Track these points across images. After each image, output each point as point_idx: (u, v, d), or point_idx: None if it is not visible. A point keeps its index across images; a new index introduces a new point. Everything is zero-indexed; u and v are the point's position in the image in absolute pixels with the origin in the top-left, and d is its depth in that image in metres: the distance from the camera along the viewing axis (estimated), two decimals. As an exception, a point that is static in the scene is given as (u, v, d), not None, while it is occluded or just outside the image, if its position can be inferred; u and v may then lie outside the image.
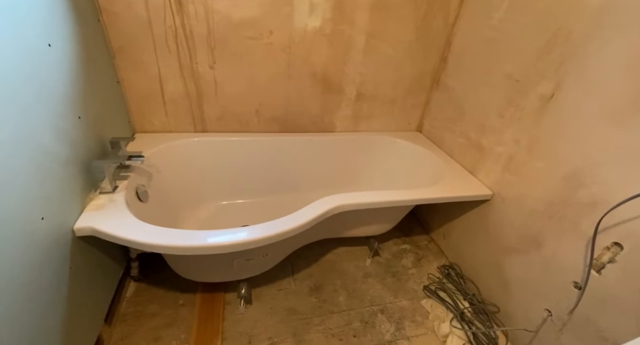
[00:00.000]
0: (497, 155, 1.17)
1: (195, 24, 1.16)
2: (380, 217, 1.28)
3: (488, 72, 1.21)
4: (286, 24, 1.24)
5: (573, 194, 0.90)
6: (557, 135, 0.95)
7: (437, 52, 1.46)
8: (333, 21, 1.28)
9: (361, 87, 1.47)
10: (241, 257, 0.97)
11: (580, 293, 0.86)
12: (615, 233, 0.80)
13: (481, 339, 1.05)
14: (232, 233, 0.83)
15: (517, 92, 1.09)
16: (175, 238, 0.80)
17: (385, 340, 1.05)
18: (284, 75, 1.35)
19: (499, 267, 1.15)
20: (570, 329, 0.90)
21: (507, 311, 1.12)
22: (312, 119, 1.50)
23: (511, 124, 1.12)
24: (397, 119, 1.63)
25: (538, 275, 1.00)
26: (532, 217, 1.02)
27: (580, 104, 0.89)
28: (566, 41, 0.93)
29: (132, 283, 1.14)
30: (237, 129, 1.42)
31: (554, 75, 0.96)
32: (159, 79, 1.23)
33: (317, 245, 1.35)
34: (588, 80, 0.87)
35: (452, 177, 1.26)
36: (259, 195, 1.51)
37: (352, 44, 1.35)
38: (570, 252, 0.90)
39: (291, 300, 1.14)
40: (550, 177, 0.97)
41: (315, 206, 0.99)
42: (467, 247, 1.33)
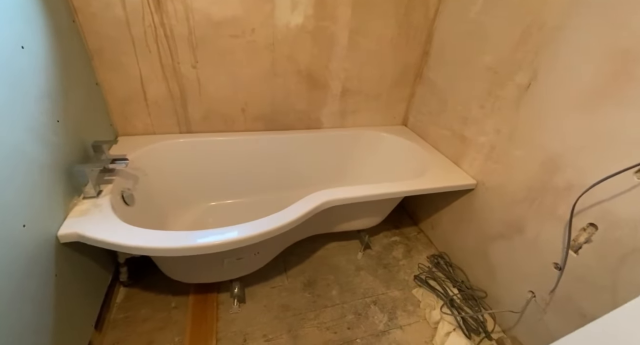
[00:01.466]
0: (480, 145, 1.21)
1: (175, 23, 1.14)
2: (369, 211, 1.30)
3: (468, 65, 1.24)
4: (268, 21, 1.23)
5: (550, 179, 0.94)
6: (535, 124, 0.99)
7: (419, 47, 1.49)
8: (315, 18, 1.28)
9: (346, 83, 1.48)
10: (232, 256, 0.97)
11: (560, 273, 0.90)
12: (590, 214, 0.84)
13: (470, 323, 1.08)
14: (222, 232, 0.82)
15: (496, 83, 1.12)
16: (164, 240, 0.80)
17: (379, 331, 1.07)
18: (268, 73, 1.35)
19: (485, 253, 1.18)
20: (553, 308, 0.94)
21: (494, 295, 1.16)
22: (298, 116, 1.50)
23: (492, 115, 1.15)
24: (383, 114, 1.65)
25: (521, 259, 1.04)
26: (514, 204, 1.06)
27: (554, 92, 0.93)
28: (539, 32, 0.96)
29: (122, 288, 1.12)
30: (223, 129, 1.41)
31: (529, 66, 1.00)
32: (141, 80, 1.20)
33: (309, 242, 1.36)
34: (561, 69, 0.90)
35: (438, 168, 1.29)
36: (248, 195, 1.50)
37: (335, 40, 1.36)
38: (550, 235, 0.94)
39: (285, 297, 1.15)
40: (529, 164, 1.01)
41: (305, 202, 1.00)
42: (454, 236, 1.36)
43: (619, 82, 0.77)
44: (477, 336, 1.07)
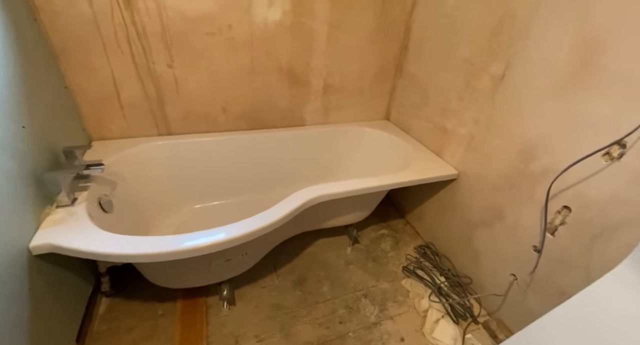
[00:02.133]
0: (460, 136, 1.24)
1: (147, 20, 1.10)
2: (356, 205, 1.31)
3: (446, 57, 1.27)
4: (245, 17, 1.21)
5: (527, 166, 0.98)
6: (510, 113, 1.02)
7: (398, 41, 1.50)
8: (293, 13, 1.27)
9: (328, 79, 1.48)
10: (219, 258, 0.95)
11: (538, 255, 0.94)
12: (564, 197, 0.88)
13: (458, 309, 1.12)
14: (207, 235, 0.81)
15: (473, 75, 1.15)
16: (147, 245, 0.77)
17: (370, 323, 1.09)
18: (248, 71, 1.32)
19: (469, 240, 1.22)
20: (533, 288, 0.98)
21: (479, 280, 1.20)
22: (281, 114, 1.49)
23: (470, 106, 1.18)
24: (366, 109, 1.66)
25: (503, 244, 1.08)
26: (494, 191, 1.10)
27: (528, 82, 0.96)
28: (512, 24, 0.99)
29: (105, 299, 1.08)
30: (205, 129, 1.38)
31: (504, 57, 1.03)
32: (113, 81, 1.15)
33: (298, 240, 1.35)
34: (532, 59, 0.94)
35: (421, 160, 1.32)
36: (234, 196, 1.48)
37: (314, 36, 1.35)
38: (529, 220, 0.98)
39: (276, 296, 1.14)
40: (506, 153, 1.04)
41: (291, 200, 0.99)
42: (439, 225, 1.40)
43: (586, 70, 0.81)
44: (465, 321, 1.11)
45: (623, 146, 0.75)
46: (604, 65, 0.77)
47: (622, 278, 0.62)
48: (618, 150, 0.76)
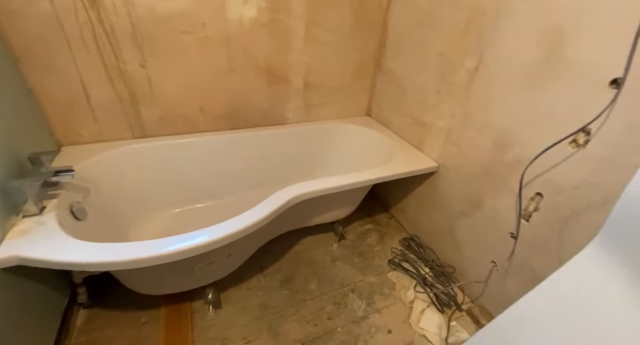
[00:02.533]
0: (438, 129, 1.27)
1: (115, 19, 1.05)
2: (340, 202, 1.31)
3: (422, 53, 1.29)
4: (219, 15, 1.18)
5: (502, 155, 1.01)
6: (485, 105, 1.06)
7: (376, 36, 1.51)
8: (269, 10, 1.25)
9: (307, 76, 1.47)
10: (202, 261, 0.93)
11: (515, 242, 0.98)
12: (536, 184, 0.92)
13: (442, 298, 1.14)
14: (186, 239, 0.78)
15: (448, 69, 1.18)
16: (122, 252, 0.74)
17: (358, 317, 1.10)
18: (225, 70, 1.30)
19: (450, 231, 1.25)
20: (512, 273, 1.02)
21: (462, 269, 1.23)
22: (262, 112, 1.47)
23: (447, 99, 1.21)
24: (347, 105, 1.67)
25: (482, 232, 1.11)
26: (473, 181, 1.13)
27: (499, 74, 0.99)
28: (482, 19, 1.02)
29: (83, 311, 1.03)
30: (183, 131, 1.34)
31: (476, 51, 1.05)
32: (81, 83, 1.10)
33: (284, 239, 1.35)
34: (502, 52, 0.97)
35: (402, 154, 1.34)
36: (216, 198, 1.45)
37: (292, 33, 1.34)
38: (505, 208, 1.01)
39: (262, 297, 1.13)
40: (482, 144, 1.07)
41: (273, 199, 0.98)
42: (423, 218, 1.43)
43: (550, 61, 0.84)
44: (449, 309, 1.14)
45: (587, 133, 0.79)
46: (566, 57, 0.81)
47: (590, 258, 0.66)
48: (584, 138, 0.80)
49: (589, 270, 0.66)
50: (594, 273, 0.65)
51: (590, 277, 0.66)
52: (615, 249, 0.61)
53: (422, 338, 1.04)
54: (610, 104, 0.73)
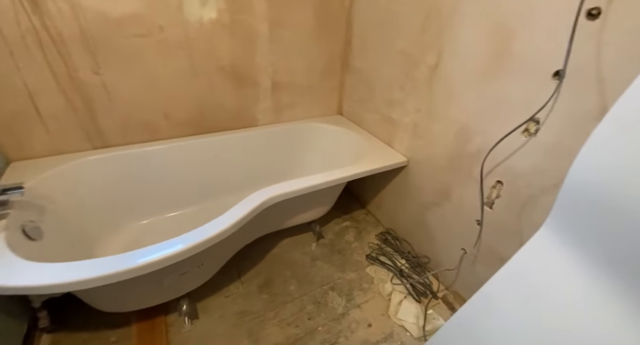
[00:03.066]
0: (405, 125, 1.30)
1: (61, 24, 0.99)
2: (315, 202, 1.32)
3: (386, 50, 1.31)
4: (177, 17, 1.14)
5: (464, 147, 1.06)
6: (446, 100, 1.09)
7: (341, 36, 1.53)
8: (230, 11, 1.23)
9: (275, 77, 1.46)
10: (172, 273, 0.90)
11: (480, 228, 1.02)
12: (497, 173, 0.97)
13: (418, 288, 1.18)
14: (149, 252, 0.75)
15: (411, 66, 1.21)
16: (79, 271, 0.70)
17: (339, 314, 1.11)
18: (188, 73, 1.26)
19: (423, 222, 1.29)
20: (480, 259, 1.07)
21: (436, 258, 1.27)
22: (230, 115, 1.44)
23: (411, 95, 1.24)
24: (318, 105, 1.67)
25: (452, 221, 1.16)
26: (440, 173, 1.17)
27: (457, 69, 1.03)
28: (438, 16, 1.05)
29: (46, 336, 0.97)
30: (147, 138, 1.29)
31: (435, 47, 1.09)
32: (28, 93, 1.03)
33: (261, 242, 1.33)
34: (459, 48, 1.01)
35: (373, 151, 1.36)
36: (187, 206, 1.41)
37: (255, 34, 1.32)
38: (471, 196, 1.06)
39: (241, 303, 1.11)
40: (446, 136, 1.12)
41: (244, 203, 0.97)
42: (397, 211, 1.46)
43: (500, 56, 0.89)
44: (426, 298, 1.18)
45: (537, 122, 0.84)
46: (514, 51, 0.85)
47: (542, 239, 0.70)
48: (534, 127, 0.85)
49: (542, 250, 0.70)
50: (546, 253, 0.69)
51: (543, 256, 0.70)
52: (562, 229, 0.66)
53: (400, 328, 1.07)
54: (553, 95, 0.78)
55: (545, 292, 0.68)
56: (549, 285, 0.67)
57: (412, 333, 1.04)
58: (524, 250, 0.75)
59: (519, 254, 0.76)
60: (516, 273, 0.75)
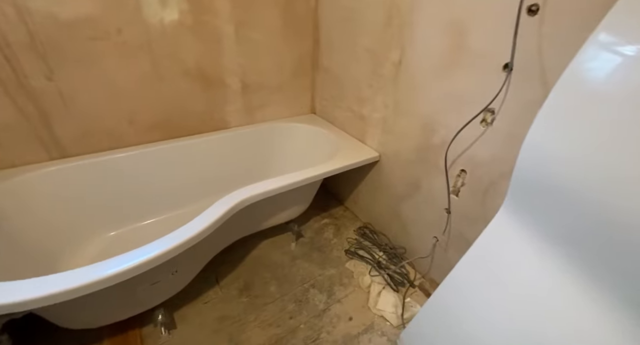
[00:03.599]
0: (376, 120, 1.33)
1: (7, 28, 0.93)
2: (291, 201, 1.32)
3: (352, 49, 1.34)
4: (136, 19, 1.11)
5: (430, 139, 1.10)
6: (410, 94, 1.14)
7: (309, 35, 1.54)
8: (192, 12, 1.20)
9: (244, 78, 1.45)
10: (143, 283, 0.87)
11: (449, 216, 1.07)
12: (460, 162, 1.02)
13: (396, 278, 1.22)
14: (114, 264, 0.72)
15: (377, 63, 1.24)
16: (41, 287, 0.66)
17: (320, 310, 1.12)
18: (152, 77, 1.22)
19: (397, 214, 1.33)
20: (451, 245, 1.12)
21: (412, 248, 1.32)
22: (200, 118, 1.41)
23: (379, 92, 1.27)
24: (290, 104, 1.68)
25: (423, 211, 1.20)
26: (410, 166, 1.21)
27: (419, 65, 1.07)
28: (398, 13, 1.09)
29: (8, 361, 0.90)
30: (111, 146, 1.23)
31: (398, 44, 1.13)
32: (-28, 103, 0.96)
33: (239, 246, 1.31)
34: (419, 44, 1.05)
35: (347, 148, 1.38)
36: (160, 213, 1.36)
37: (221, 35, 1.30)
38: (438, 186, 1.10)
39: (220, 309, 1.09)
40: (413, 130, 1.16)
41: (217, 207, 0.95)
42: (373, 205, 1.49)
43: (456, 51, 0.93)
44: (404, 287, 1.21)
45: (493, 112, 0.89)
46: (468, 46, 0.90)
47: (501, 221, 0.75)
48: (490, 117, 0.90)
49: (501, 232, 0.75)
50: (505, 234, 0.74)
51: (502, 238, 0.75)
52: (516, 211, 0.70)
53: (380, 319, 1.10)
54: (503, 86, 0.83)
55: (506, 270, 0.73)
56: (509, 264, 0.72)
57: (392, 322, 1.07)
58: (485, 234, 0.80)
59: (481, 238, 0.81)
60: (480, 255, 0.80)
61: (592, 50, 0.53)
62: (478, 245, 0.80)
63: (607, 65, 0.52)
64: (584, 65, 0.54)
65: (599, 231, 0.52)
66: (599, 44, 0.53)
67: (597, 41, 0.53)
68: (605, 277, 0.53)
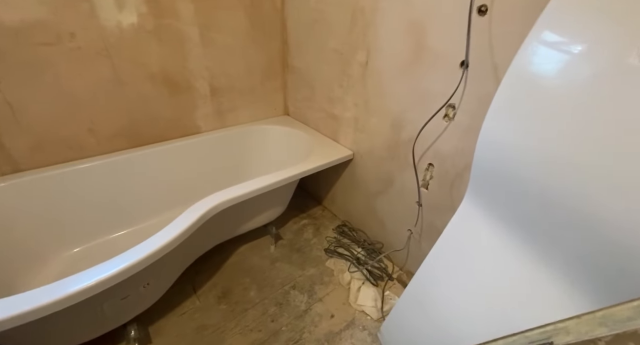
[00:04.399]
0: (347, 120, 1.36)
1: (-59, 34, 0.85)
2: (267, 203, 1.31)
3: (321, 50, 1.36)
4: (90, 23, 1.05)
5: (399, 136, 1.14)
6: (379, 93, 1.17)
7: (277, 37, 1.54)
8: (153, 15, 1.16)
9: (213, 81, 1.42)
10: (112, 297, 0.82)
11: (420, 208, 1.11)
12: (428, 156, 1.06)
13: (375, 273, 1.24)
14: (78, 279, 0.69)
15: (345, 64, 1.26)
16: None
17: (301, 311, 1.12)
18: (112, 82, 1.16)
19: (373, 210, 1.36)
20: (424, 236, 1.16)
21: (389, 243, 1.35)
22: (168, 124, 1.37)
23: (349, 92, 1.30)
24: (262, 107, 1.66)
25: (397, 205, 1.24)
26: (382, 162, 1.24)
27: (384, 64, 1.10)
28: (362, 15, 1.12)
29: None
30: (71, 157, 1.16)
31: (363, 45, 1.15)
32: None
33: (216, 253, 1.29)
34: (383, 45, 1.08)
35: (321, 148, 1.39)
36: (130, 225, 1.30)
37: (185, 38, 1.27)
38: (410, 181, 1.14)
39: (199, 318, 1.06)
40: (383, 128, 1.19)
41: (188, 214, 0.93)
42: (350, 203, 1.52)
43: (418, 50, 0.97)
44: (383, 281, 1.24)
45: (454, 107, 0.94)
46: (428, 45, 0.94)
47: (465, 209, 0.79)
48: (452, 112, 0.95)
49: (466, 219, 0.79)
50: (469, 221, 0.78)
51: (467, 225, 0.79)
52: (478, 199, 0.75)
53: (361, 314, 1.12)
54: (460, 82, 0.88)
55: (472, 255, 0.77)
56: (474, 249, 0.76)
57: (372, 316, 1.10)
58: (451, 223, 0.84)
59: (448, 227, 0.85)
60: (448, 244, 0.84)
61: (531, 46, 0.58)
62: (446, 235, 0.84)
63: (544, 59, 0.56)
64: (525, 60, 0.59)
65: (544, 213, 0.56)
66: (537, 40, 0.57)
67: (535, 37, 0.57)
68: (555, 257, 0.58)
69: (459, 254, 0.80)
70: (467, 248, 0.78)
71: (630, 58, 0.43)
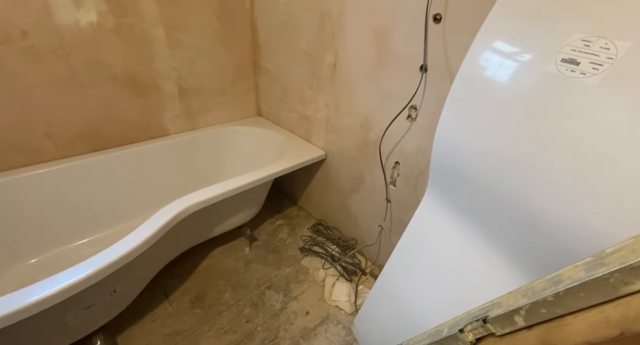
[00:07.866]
0: (319, 120, 1.38)
1: None
2: (240, 205, 1.31)
3: (291, 51, 1.37)
4: (44, 21, 1.00)
5: (367, 135, 1.18)
6: (348, 95, 1.21)
7: (247, 38, 1.53)
8: (114, 14, 1.12)
9: (180, 82, 1.39)
10: (74, 308, 0.79)
11: (389, 205, 1.17)
12: (394, 155, 1.11)
13: (349, 269, 1.28)
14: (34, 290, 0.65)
15: (315, 65, 1.29)
16: None
17: (277, 310, 1.13)
18: (70, 83, 1.11)
19: (347, 208, 1.40)
20: (394, 231, 1.22)
21: (362, 239, 1.40)
22: (134, 126, 1.32)
23: (319, 93, 1.33)
24: (234, 108, 1.65)
25: (368, 203, 1.29)
26: (353, 161, 1.29)
27: (352, 67, 1.14)
28: (330, 19, 1.15)
29: None
30: (25, 162, 1.09)
31: (332, 47, 1.19)
32: None
33: (189, 256, 1.26)
34: (350, 48, 1.12)
35: (294, 148, 1.41)
36: (93, 232, 1.25)
37: (150, 39, 1.23)
38: (379, 179, 1.19)
39: (171, 324, 1.04)
40: (353, 128, 1.23)
41: (156, 218, 0.91)
42: (324, 202, 1.55)
43: (381, 54, 1.02)
44: (356, 276, 1.28)
45: (416, 109, 1.00)
46: (391, 49, 0.99)
47: (426, 204, 0.84)
48: (414, 113, 1.01)
49: (427, 213, 0.84)
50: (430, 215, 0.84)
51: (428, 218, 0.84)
52: (436, 194, 0.80)
53: (336, 309, 1.15)
54: (420, 84, 0.93)
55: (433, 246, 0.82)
56: (434, 241, 0.82)
57: (346, 310, 1.13)
58: (414, 217, 0.89)
59: (412, 221, 0.90)
60: (412, 237, 0.89)
61: (476, 52, 0.63)
62: (409, 229, 0.89)
63: (486, 64, 0.62)
64: (470, 65, 0.64)
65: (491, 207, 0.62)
66: (480, 46, 0.63)
67: (478, 44, 0.63)
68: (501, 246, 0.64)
69: (421, 246, 0.85)
70: (429, 240, 0.83)
71: (549, 66, 0.49)
